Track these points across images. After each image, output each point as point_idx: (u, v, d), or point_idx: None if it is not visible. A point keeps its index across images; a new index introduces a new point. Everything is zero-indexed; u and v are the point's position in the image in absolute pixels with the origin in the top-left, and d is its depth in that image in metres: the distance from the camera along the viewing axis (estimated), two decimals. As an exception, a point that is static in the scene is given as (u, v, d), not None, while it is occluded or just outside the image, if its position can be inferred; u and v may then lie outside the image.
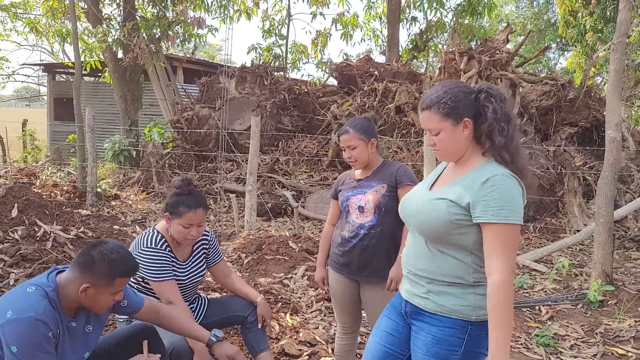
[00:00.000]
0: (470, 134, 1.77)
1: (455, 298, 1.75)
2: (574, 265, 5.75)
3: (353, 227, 2.62)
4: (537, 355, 3.65)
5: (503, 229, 1.65)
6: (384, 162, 2.72)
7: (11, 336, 1.82)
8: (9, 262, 4.87)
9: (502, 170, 1.70)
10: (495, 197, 1.65)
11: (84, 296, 1.98)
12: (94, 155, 7.66)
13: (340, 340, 2.91)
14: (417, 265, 1.85)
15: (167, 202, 2.66)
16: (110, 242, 2.12)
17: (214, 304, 2.95)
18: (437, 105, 1.75)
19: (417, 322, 1.84)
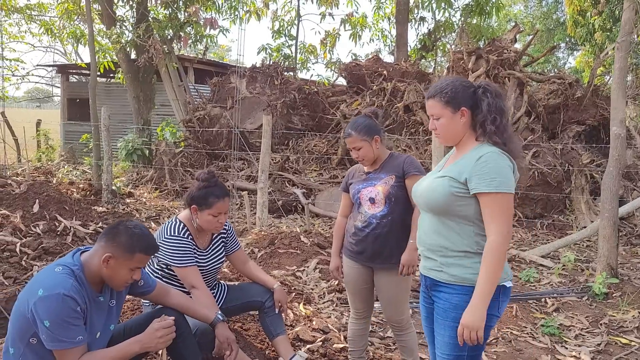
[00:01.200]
0: (467, 122, 2.06)
1: (464, 268, 1.99)
2: (580, 260, 5.86)
3: (365, 217, 2.77)
4: (543, 344, 3.78)
5: (496, 198, 1.90)
6: (391, 154, 2.86)
7: (43, 311, 1.99)
8: (32, 255, 5.07)
9: (493, 149, 1.98)
10: (487, 171, 1.92)
11: (105, 266, 2.13)
12: (109, 154, 7.85)
13: (353, 326, 3.06)
14: (429, 242, 2.09)
15: (194, 195, 2.81)
16: (135, 221, 2.29)
17: (233, 290, 3.11)
18: (439, 94, 2.06)
19: (436, 292, 2.09)
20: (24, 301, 2.07)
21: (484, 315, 1.88)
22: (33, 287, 2.07)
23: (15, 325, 2.10)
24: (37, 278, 2.14)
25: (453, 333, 1.98)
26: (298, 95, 10.08)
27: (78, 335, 2.05)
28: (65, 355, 2.04)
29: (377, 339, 3.72)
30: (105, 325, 2.28)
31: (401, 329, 2.89)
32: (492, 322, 1.99)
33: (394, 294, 2.80)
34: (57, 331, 1.99)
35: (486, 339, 2.01)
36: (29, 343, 2.07)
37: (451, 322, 2.00)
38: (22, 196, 5.90)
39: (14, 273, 4.75)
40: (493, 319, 1.99)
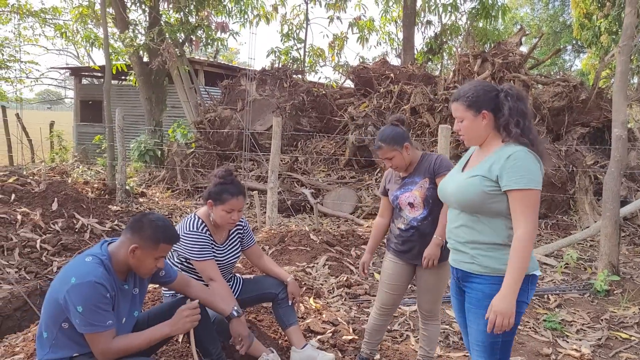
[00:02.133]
0: (489, 124, 2.17)
1: (495, 259, 2.12)
2: (583, 259, 5.99)
3: (407, 220, 2.91)
4: (545, 338, 3.91)
5: (525, 194, 2.02)
6: (423, 155, 2.95)
7: (76, 298, 2.16)
8: (51, 251, 5.27)
9: (521, 147, 2.08)
10: (516, 169, 2.03)
11: (132, 256, 2.31)
12: (123, 155, 8.06)
13: (375, 321, 3.16)
14: (460, 236, 2.22)
15: (211, 190, 2.98)
16: (157, 213, 2.46)
17: (248, 282, 3.28)
18: (463, 98, 2.19)
19: (468, 283, 2.22)
20: (57, 289, 2.24)
21: (514, 303, 2.00)
22: (66, 276, 2.24)
23: (48, 311, 2.27)
24: (69, 267, 2.32)
25: (487, 321, 2.10)
26: (307, 97, 10.26)
27: (108, 319, 2.22)
28: (96, 338, 2.21)
29: (385, 331, 3.87)
30: (130, 312, 2.45)
31: (430, 318, 3.03)
32: (521, 308, 2.12)
33: (434, 286, 2.94)
34: (89, 316, 2.16)
35: (517, 325, 2.15)
36: (61, 327, 2.24)
37: (484, 311, 2.10)
38: (42, 195, 6.11)
39: (35, 268, 4.95)
40: (523, 306, 2.12)
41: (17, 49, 14.66)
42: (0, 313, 4.20)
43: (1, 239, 5.12)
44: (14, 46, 15.06)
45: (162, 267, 2.46)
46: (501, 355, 2.17)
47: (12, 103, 16.74)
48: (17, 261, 4.93)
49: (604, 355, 3.69)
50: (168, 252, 2.41)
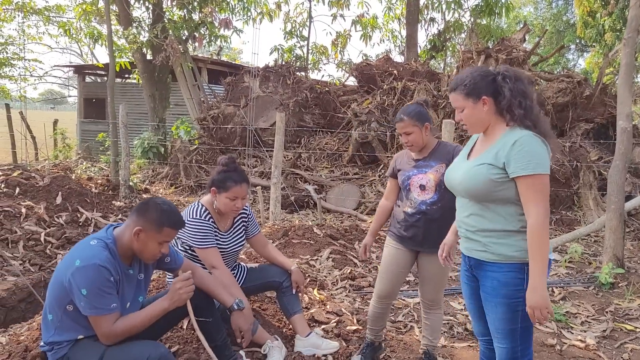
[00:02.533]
0: (491, 109, 2.12)
1: (509, 246, 2.09)
2: (587, 254, 5.97)
3: (415, 203, 2.86)
4: (549, 329, 3.90)
5: (533, 180, 1.98)
6: (439, 142, 2.93)
7: (81, 280, 2.16)
8: (55, 244, 5.29)
9: (526, 132, 2.04)
10: (523, 154, 1.99)
11: (135, 239, 2.30)
12: (127, 150, 8.07)
13: (375, 308, 3.13)
14: (471, 225, 2.19)
15: (214, 178, 2.98)
16: (163, 198, 2.46)
17: (252, 271, 3.28)
18: (460, 87, 2.14)
19: (482, 271, 2.19)
20: (62, 271, 2.25)
21: (546, 292, 1.98)
22: (71, 258, 2.24)
23: (53, 294, 2.28)
24: (74, 250, 2.32)
25: (505, 309, 2.10)
26: (310, 94, 10.26)
27: (112, 302, 2.22)
28: (100, 320, 2.21)
29: (389, 322, 3.86)
30: (134, 297, 2.45)
31: (432, 307, 3.00)
32: None
33: (436, 274, 2.91)
34: (93, 299, 2.17)
35: None
36: (66, 310, 2.25)
37: (502, 299, 2.10)
38: (46, 188, 6.13)
39: (39, 260, 4.97)
40: None
41: (21, 47, 14.70)
42: (5, 304, 4.21)
43: (6, 231, 5.14)
44: (18, 44, 15.10)
45: (167, 252, 2.46)
46: (522, 340, 2.16)
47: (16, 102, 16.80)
48: (22, 253, 4.95)
49: (609, 346, 3.68)
50: (172, 237, 2.41)
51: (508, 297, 2.10)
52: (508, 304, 2.10)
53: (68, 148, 13.54)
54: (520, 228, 2.08)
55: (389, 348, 3.39)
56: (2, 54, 14.15)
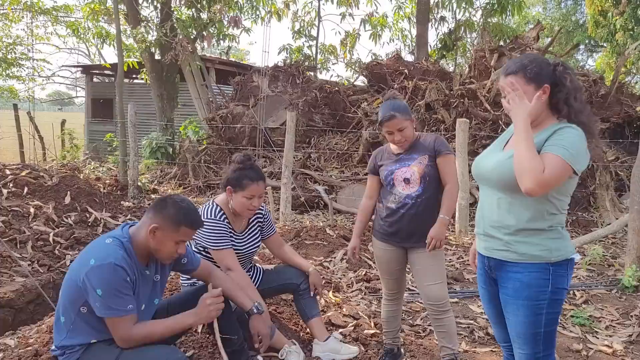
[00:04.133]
0: (546, 100, 1.99)
1: (533, 245, 1.96)
2: (607, 256, 5.82)
3: (400, 198, 2.77)
4: (574, 334, 3.77)
5: (558, 160, 1.84)
6: (418, 135, 2.86)
7: (96, 280, 2.06)
8: (64, 245, 5.21)
9: (574, 126, 1.93)
10: (561, 140, 1.88)
11: (152, 237, 2.19)
12: (135, 150, 7.99)
13: (386, 307, 3.09)
14: (493, 220, 2.05)
15: (229, 177, 2.87)
16: (183, 196, 2.36)
17: (269, 273, 3.16)
18: (522, 71, 1.97)
19: (503, 272, 2.06)
20: (76, 271, 2.14)
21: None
22: (85, 258, 2.14)
23: (67, 294, 2.18)
24: (89, 249, 2.23)
25: (528, 311, 1.98)
26: (319, 94, 10.15)
27: (129, 303, 2.11)
28: (117, 322, 2.11)
29: (407, 326, 3.76)
30: (150, 299, 2.35)
31: (440, 310, 2.80)
32: (563, 295, 2.00)
33: (432, 266, 2.77)
34: (109, 299, 2.06)
35: (559, 314, 2.03)
36: (80, 312, 2.14)
37: (524, 301, 1.99)
38: (54, 188, 6.05)
39: (47, 261, 4.89)
40: (564, 293, 1.99)
41: (28, 48, 14.69)
42: (14, 306, 4.13)
43: (14, 231, 5.06)
44: (26, 45, 15.10)
45: (183, 252, 2.35)
46: (544, 346, 2.03)
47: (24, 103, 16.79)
48: (30, 254, 4.87)
49: (637, 352, 3.54)
50: (190, 237, 2.31)
51: (531, 299, 1.97)
52: (530, 307, 1.98)
53: (76, 148, 13.49)
54: (547, 227, 1.96)
55: (408, 353, 3.28)
56: (11, 54, 14.13)
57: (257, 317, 2.61)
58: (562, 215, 2.02)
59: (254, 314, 2.61)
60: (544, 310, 1.98)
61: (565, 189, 1.98)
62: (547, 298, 1.96)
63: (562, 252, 1.97)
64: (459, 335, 3.67)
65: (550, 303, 1.98)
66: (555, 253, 1.96)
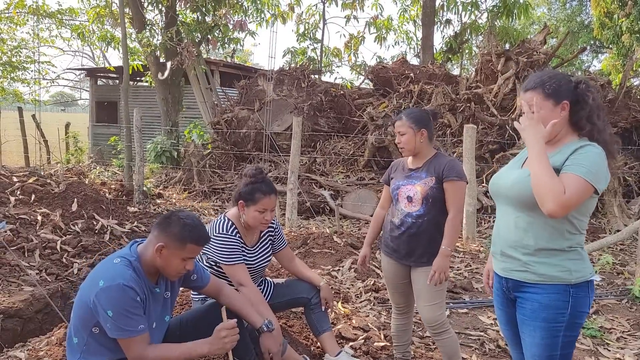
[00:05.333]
0: (566, 117, 1.98)
1: (552, 266, 1.94)
2: (616, 264, 5.79)
3: (401, 215, 2.78)
4: (585, 346, 3.74)
5: (579, 180, 1.81)
6: (437, 153, 2.83)
7: (105, 302, 2.05)
8: (72, 253, 5.19)
9: (595, 144, 1.91)
10: (582, 159, 1.86)
11: (158, 255, 2.18)
12: (141, 155, 7.99)
13: (395, 321, 3.08)
14: (511, 240, 2.02)
15: (241, 191, 2.84)
16: (188, 211, 2.33)
17: (279, 287, 3.15)
18: (541, 86, 1.97)
19: (521, 293, 2.03)
20: (86, 292, 2.14)
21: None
22: (94, 279, 2.14)
23: (78, 315, 2.17)
24: (98, 270, 2.21)
25: (545, 333, 1.96)
26: (325, 97, 10.14)
27: (140, 324, 2.10)
28: (129, 343, 2.10)
29: (417, 338, 3.73)
30: (161, 316, 2.33)
31: (436, 331, 2.79)
32: (583, 319, 1.97)
33: (426, 293, 2.76)
34: (120, 320, 2.05)
35: (577, 336, 2.01)
36: (92, 332, 2.14)
37: (542, 322, 1.96)
38: (61, 195, 6.05)
39: (55, 270, 4.88)
40: (583, 316, 1.96)
41: (33, 51, 14.72)
42: (22, 316, 4.12)
43: (22, 239, 5.05)
44: (31, 48, 15.13)
45: (191, 269, 2.33)
46: None
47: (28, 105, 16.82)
48: (38, 262, 4.86)
49: (649, 365, 3.52)
50: (197, 253, 2.28)
51: (548, 321, 1.95)
52: (548, 329, 1.95)
53: (80, 151, 13.51)
54: (567, 247, 1.93)
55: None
56: (16, 57, 14.16)
57: (267, 334, 2.59)
58: (582, 236, 1.99)
59: (264, 332, 2.59)
60: (561, 332, 1.95)
61: (586, 209, 1.95)
62: (566, 320, 1.93)
63: (582, 274, 1.94)
64: (469, 347, 3.66)
65: (568, 326, 1.95)
66: (575, 274, 1.94)
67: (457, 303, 4.42)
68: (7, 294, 4.22)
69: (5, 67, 13.78)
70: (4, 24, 14.00)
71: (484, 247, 6.15)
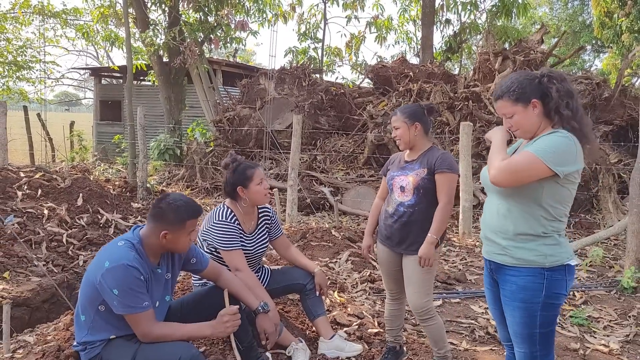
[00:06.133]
0: (540, 111, 2.11)
1: (529, 250, 2.09)
2: (608, 258, 5.91)
3: (395, 204, 2.92)
4: (572, 333, 3.87)
5: (525, 153, 2.00)
6: (431, 147, 2.95)
7: (111, 281, 2.21)
8: (77, 245, 5.35)
9: (560, 131, 2.05)
10: (539, 142, 2.03)
11: (165, 242, 2.35)
12: (144, 152, 8.15)
13: (389, 306, 3.21)
14: (493, 225, 2.20)
15: (233, 179, 3.01)
16: (172, 193, 2.50)
17: (276, 273, 3.30)
18: (507, 93, 2.12)
19: (501, 275, 2.21)
20: (93, 272, 2.30)
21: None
22: (100, 260, 2.30)
23: (85, 294, 2.33)
24: (103, 252, 2.38)
25: (523, 312, 2.11)
26: (325, 96, 10.27)
27: (144, 301, 2.27)
28: (136, 319, 2.26)
29: (410, 325, 3.87)
30: (162, 296, 2.49)
31: (423, 317, 2.92)
32: (560, 300, 2.10)
33: (414, 280, 2.89)
34: (125, 298, 2.22)
35: (557, 315, 2.15)
36: (98, 310, 2.30)
37: (519, 303, 2.11)
38: (67, 190, 6.21)
39: (61, 261, 5.04)
40: (561, 298, 2.10)
41: (38, 50, 14.91)
42: (30, 305, 4.27)
43: (29, 232, 5.21)
44: (36, 47, 15.32)
45: (195, 238, 2.50)
46: (541, 345, 2.15)
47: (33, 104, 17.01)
48: (45, 254, 5.01)
49: (632, 351, 3.65)
50: (196, 224, 2.45)
51: (525, 302, 2.10)
52: (525, 309, 2.11)
53: (84, 150, 13.69)
54: (542, 233, 2.08)
55: (411, 351, 3.39)
56: (21, 56, 14.36)
57: (263, 315, 2.74)
58: (559, 223, 2.11)
59: (260, 313, 2.74)
60: (537, 312, 2.10)
61: (560, 196, 2.08)
62: (541, 301, 2.07)
63: (557, 258, 2.08)
64: (460, 334, 3.79)
65: (544, 306, 2.09)
66: (550, 259, 2.08)
67: (450, 293, 4.55)
68: (16, 283, 4.38)
69: (10, 66, 13.97)
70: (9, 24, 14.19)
71: (479, 242, 6.28)
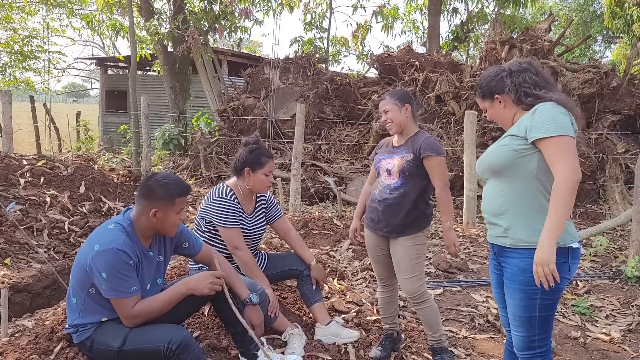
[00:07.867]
0: (509, 104, 2.20)
1: (528, 230, 2.08)
2: (613, 248, 5.84)
3: (382, 187, 2.92)
4: (573, 322, 3.83)
5: (556, 141, 1.99)
6: (418, 132, 2.95)
7: (100, 264, 2.20)
8: (79, 233, 5.37)
9: (547, 103, 2.08)
10: (542, 120, 2.03)
11: (154, 220, 2.33)
12: (148, 141, 8.15)
13: (381, 294, 3.18)
14: (492, 207, 2.21)
15: (246, 158, 3.00)
16: (160, 172, 2.47)
17: (273, 258, 3.28)
18: (477, 90, 2.31)
19: (504, 258, 2.21)
20: (83, 255, 2.29)
21: (553, 251, 1.92)
22: (90, 243, 2.28)
23: (76, 277, 2.32)
24: (94, 235, 2.36)
25: (522, 295, 2.09)
26: (330, 86, 10.21)
27: (132, 286, 2.25)
28: (122, 303, 2.25)
29: (409, 313, 3.84)
30: (153, 279, 2.47)
31: (417, 301, 2.90)
32: (563, 284, 2.06)
33: (404, 266, 2.87)
34: (113, 282, 2.20)
35: (557, 300, 2.11)
36: (89, 293, 2.29)
37: (520, 285, 2.10)
38: (69, 178, 6.22)
39: (63, 248, 5.06)
40: (564, 281, 2.05)
41: (44, 40, 14.94)
42: (31, 291, 4.29)
43: (31, 220, 5.24)
44: (42, 37, 15.35)
45: (185, 218, 2.47)
46: (540, 330, 2.12)
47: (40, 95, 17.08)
48: (46, 241, 5.04)
49: (634, 340, 3.60)
50: (186, 202, 2.44)
51: (525, 284, 2.07)
52: (525, 291, 2.09)
53: (90, 140, 13.73)
54: (540, 210, 2.05)
55: (409, 338, 3.37)
56: (27, 46, 14.39)
57: (251, 308, 2.68)
58: None
59: (248, 305, 2.68)
60: (537, 295, 2.06)
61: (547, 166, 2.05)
62: (541, 284, 2.02)
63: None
64: (460, 322, 3.76)
65: (544, 289, 2.02)
66: None
67: (451, 282, 4.52)
68: (17, 270, 4.40)
69: (17, 56, 14.01)
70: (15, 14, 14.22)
71: (483, 232, 6.23)
